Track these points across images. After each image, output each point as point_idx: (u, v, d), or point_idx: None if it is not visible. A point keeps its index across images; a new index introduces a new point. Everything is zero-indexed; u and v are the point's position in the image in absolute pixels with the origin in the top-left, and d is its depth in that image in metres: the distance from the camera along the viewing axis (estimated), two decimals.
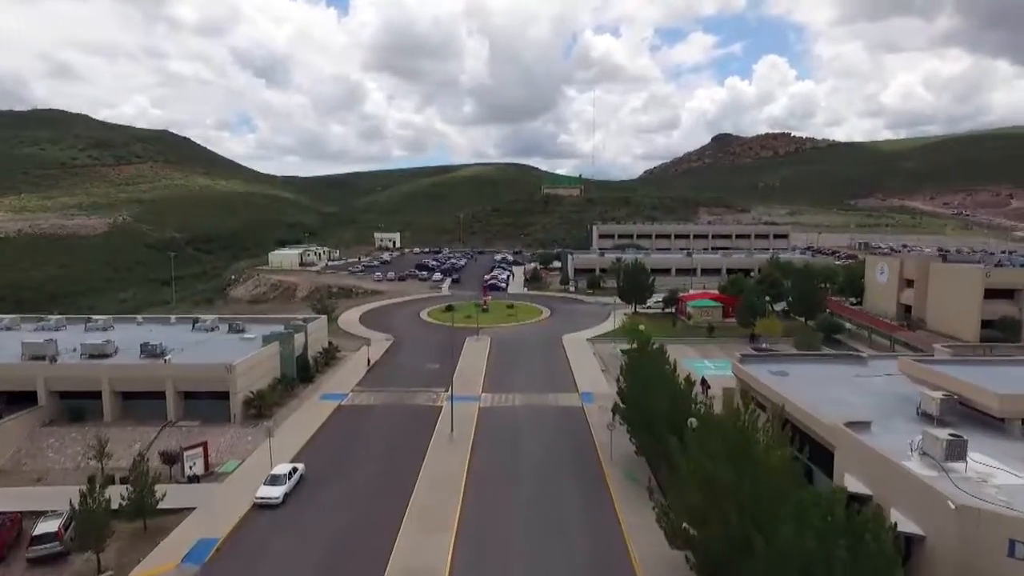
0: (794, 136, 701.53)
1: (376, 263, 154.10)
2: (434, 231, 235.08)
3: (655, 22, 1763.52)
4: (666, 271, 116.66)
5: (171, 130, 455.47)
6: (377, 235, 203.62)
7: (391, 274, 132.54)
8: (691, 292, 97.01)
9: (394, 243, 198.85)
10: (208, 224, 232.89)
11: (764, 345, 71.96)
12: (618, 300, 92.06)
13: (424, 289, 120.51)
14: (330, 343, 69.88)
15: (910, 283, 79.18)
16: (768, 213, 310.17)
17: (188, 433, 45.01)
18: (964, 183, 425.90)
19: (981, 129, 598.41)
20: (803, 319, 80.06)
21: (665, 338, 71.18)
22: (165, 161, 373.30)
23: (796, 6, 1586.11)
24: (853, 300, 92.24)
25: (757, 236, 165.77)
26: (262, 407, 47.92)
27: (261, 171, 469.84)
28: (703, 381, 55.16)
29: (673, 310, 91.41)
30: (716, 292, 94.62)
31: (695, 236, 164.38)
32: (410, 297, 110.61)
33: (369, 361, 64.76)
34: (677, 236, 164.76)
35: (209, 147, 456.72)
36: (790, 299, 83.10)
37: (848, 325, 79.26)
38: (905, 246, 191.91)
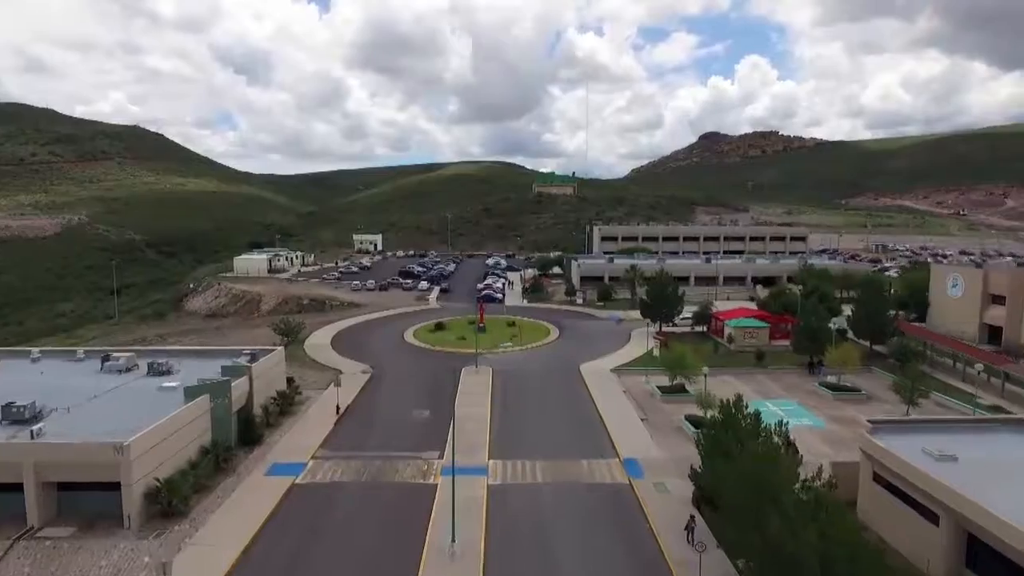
0: (782, 135, 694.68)
1: (354, 269, 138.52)
2: (419, 232, 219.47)
3: (638, 21, 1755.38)
4: (684, 279, 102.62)
5: (144, 126, 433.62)
6: (356, 237, 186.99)
7: (371, 282, 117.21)
8: (725, 308, 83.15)
9: (375, 246, 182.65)
10: (175, 225, 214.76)
11: (830, 378, 58.19)
12: (643, 318, 77.86)
13: (409, 300, 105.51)
14: (290, 380, 54.89)
15: (997, 299, 65.87)
16: (765, 212, 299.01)
17: (54, 549, 29.91)
18: (955, 182, 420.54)
19: (963, 129, 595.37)
20: (868, 343, 66.35)
21: (707, 367, 57.66)
22: (134, 158, 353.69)
23: (778, 6, 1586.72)
24: (912, 317, 78.87)
25: (773, 238, 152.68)
26: (174, 501, 32.81)
27: (243, 169, 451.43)
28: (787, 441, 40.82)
29: (705, 329, 77.40)
30: (755, 307, 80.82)
31: (706, 238, 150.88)
32: (392, 311, 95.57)
33: (339, 408, 49.77)
34: (686, 238, 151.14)
35: (189, 145, 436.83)
36: (848, 317, 69.49)
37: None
38: (924, 248, 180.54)
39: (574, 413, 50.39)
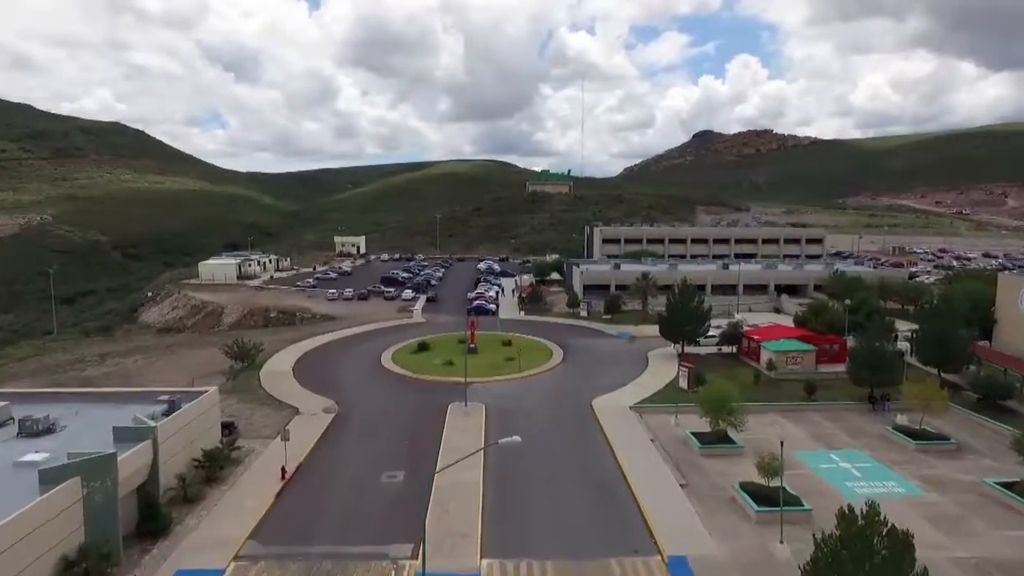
0: (776, 134, 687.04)
1: (333, 275, 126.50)
2: (407, 233, 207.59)
3: (630, 20, 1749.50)
4: (699, 287, 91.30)
5: (132, 124, 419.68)
6: (338, 239, 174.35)
7: (349, 291, 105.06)
8: (754, 323, 71.99)
9: (358, 249, 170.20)
10: (147, 225, 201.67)
11: (900, 418, 47.14)
12: (661, 336, 66.62)
13: (390, 312, 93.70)
14: (229, 427, 43.29)
15: None
16: (766, 212, 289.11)
17: None
18: (953, 181, 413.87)
19: (957, 128, 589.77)
20: (936, 370, 55.20)
21: (748, 403, 46.52)
22: (113, 155, 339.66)
23: (769, 5, 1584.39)
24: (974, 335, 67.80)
25: (786, 241, 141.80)
26: None
27: (232, 168, 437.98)
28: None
29: (734, 350, 66.12)
30: (791, 325, 69.68)
31: (715, 240, 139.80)
32: (371, 326, 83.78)
33: (284, 471, 38.01)
34: (694, 240, 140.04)
35: (177, 143, 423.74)
36: (912, 338, 58.49)
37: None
38: (943, 250, 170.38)
39: (592, 476, 38.79)
